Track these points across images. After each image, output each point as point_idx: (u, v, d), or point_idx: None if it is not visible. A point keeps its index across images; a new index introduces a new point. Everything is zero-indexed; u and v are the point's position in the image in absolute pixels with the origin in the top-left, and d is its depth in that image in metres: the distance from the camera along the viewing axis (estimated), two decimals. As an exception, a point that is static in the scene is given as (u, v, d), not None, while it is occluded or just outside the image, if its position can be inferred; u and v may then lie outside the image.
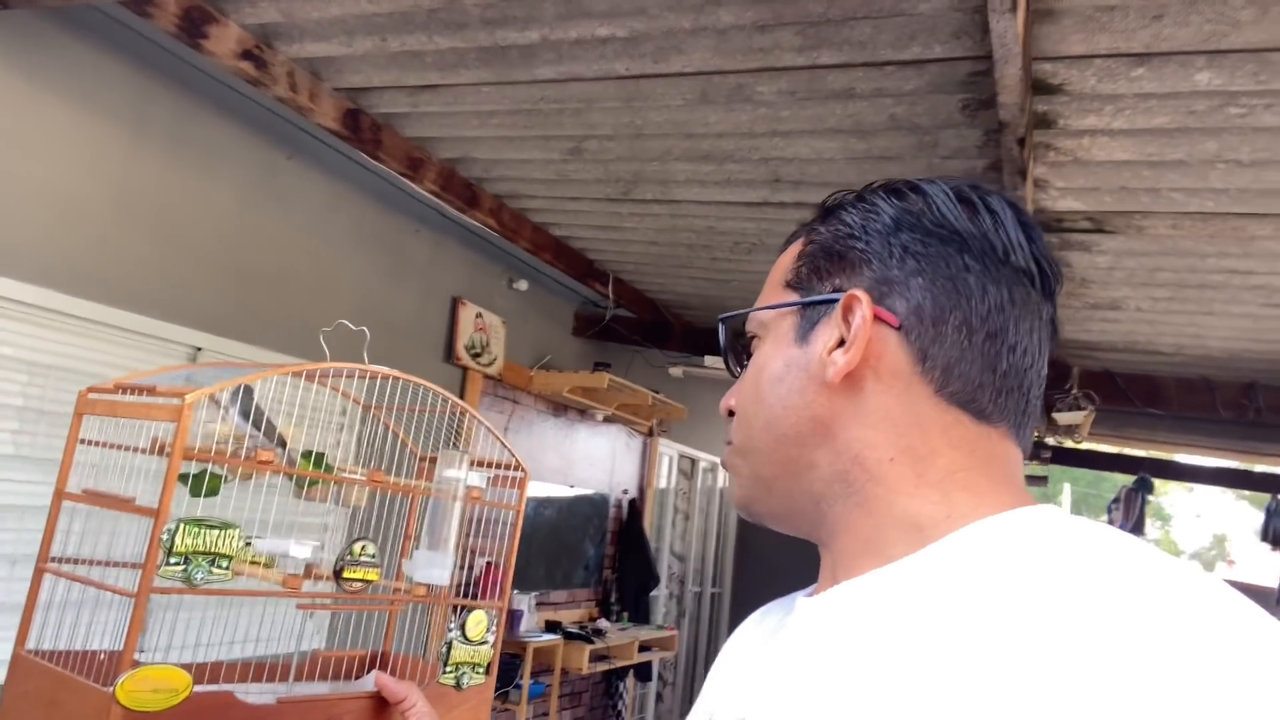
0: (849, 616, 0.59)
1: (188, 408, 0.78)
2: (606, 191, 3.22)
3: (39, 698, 0.80)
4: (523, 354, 4.47)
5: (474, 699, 0.97)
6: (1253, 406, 3.86)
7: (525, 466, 1.10)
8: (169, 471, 0.78)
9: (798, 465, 0.63)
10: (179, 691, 0.74)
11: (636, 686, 6.03)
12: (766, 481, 0.66)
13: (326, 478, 0.95)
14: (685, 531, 6.90)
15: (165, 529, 0.78)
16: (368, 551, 0.89)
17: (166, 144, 2.66)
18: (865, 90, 2.23)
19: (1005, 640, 0.49)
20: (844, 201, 0.68)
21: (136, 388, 0.86)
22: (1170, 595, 0.47)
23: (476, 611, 0.97)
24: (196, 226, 2.77)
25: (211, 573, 0.79)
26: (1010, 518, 0.57)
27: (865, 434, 0.61)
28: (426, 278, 3.80)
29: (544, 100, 2.56)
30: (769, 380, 0.65)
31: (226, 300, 2.88)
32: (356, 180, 3.37)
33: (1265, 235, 2.68)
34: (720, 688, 0.69)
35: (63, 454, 0.91)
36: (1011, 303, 0.61)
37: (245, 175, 2.92)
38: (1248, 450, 6.77)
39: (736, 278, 4.08)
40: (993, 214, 0.63)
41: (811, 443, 0.63)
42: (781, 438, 0.64)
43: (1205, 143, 2.24)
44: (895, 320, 0.61)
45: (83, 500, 0.89)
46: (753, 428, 0.66)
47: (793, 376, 0.64)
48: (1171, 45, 1.85)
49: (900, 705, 0.50)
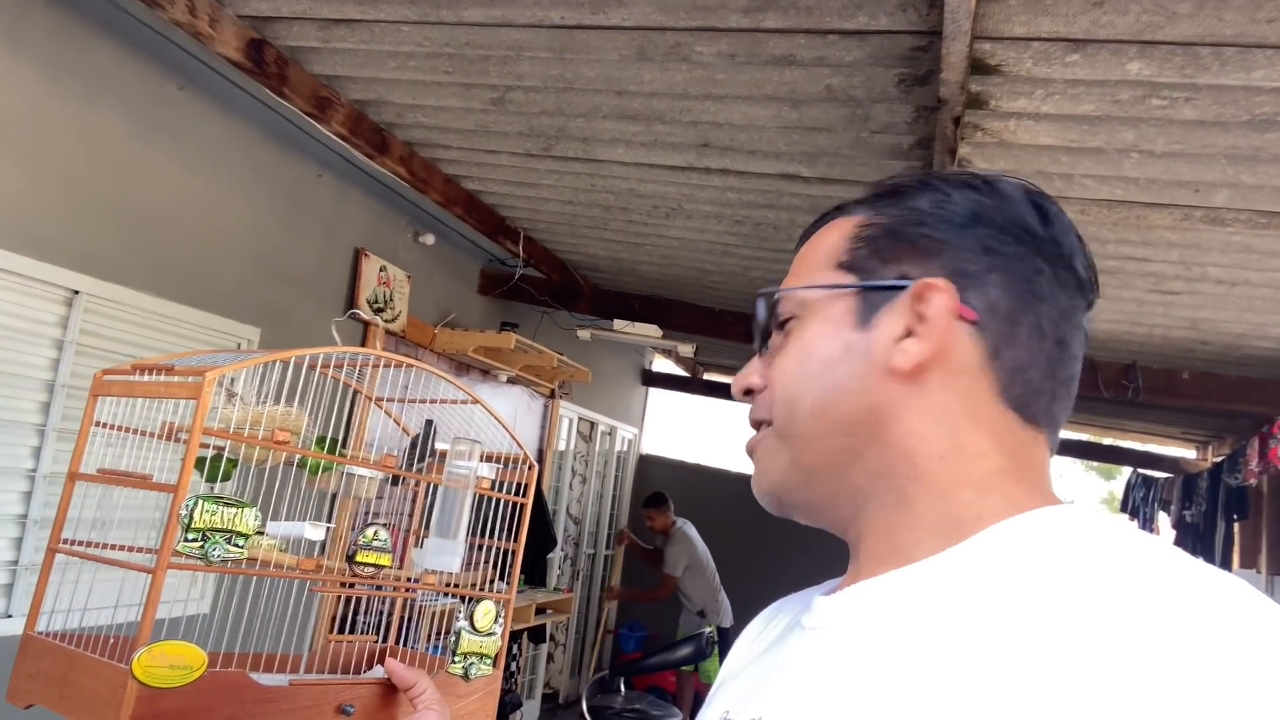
0: (868, 617, 0.57)
1: (208, 385, 0.73)
2: (527, 146, 3.11)
3: (50, 677, 0.77)
4: (427, 311, 4.32)
5: (481, 689, 0.93)
6: (1132, 386, 4.09)
7: (532, 459, 1.04)
8: (189, 447, 0.73)
9: (845, 455, 0.61)
10: (195, 669, 0.72)
11: (529, 648, 6.02)
12: (807, 470, 0.62)
13: (339, 460, 0.88)
14: (582, 495, 6.90)
15: (184, 505, 0.74)
16: (380, 537, 0.84)
17: (45, 66, 2.40)
18: (805, 58, 2.20)
19: (1024, 642, 0.48)
20: (907, 185, 0.65)
21: (154, 368, 0.79)
22: (1192, 598, 0.47)
23: (485, 602, 0.93)
24: (77, 158, 2.52)
25: (228, 550, 0.75)
26: (1035, 517, 0.56)
27: (920, 428, 0.59)
28: (328, 227, 3.60)
29: (469, 45, 2.42)
30: (821, 362, 0.62)
31: (109, 241, 2.64)
32: (256, 118, 3.14)
33: (1164, 225, 2.80)
34: (735, 687, 0.67)
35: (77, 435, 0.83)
36: (1073, 310, 0.62)
37: (133, 105, 2.67)
38: (1111, 425, 7.24)
39: (651, 242, 4.04)
40: (1058, 217, 0.62)
41: (862, 432, 0.60)
42: (833, 424, 0.60)
43: (1124, 132, 2.30)
44: (974, 314, 0.59)
45: (98, 480, 0.82)
46: (795, 412, 0.63)
47: (852, 361, 0.60)
48: (1109, 33, 1.88)
49: (915, 707, 0.49)
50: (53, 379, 2.49)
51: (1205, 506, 5.58)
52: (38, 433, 2.47)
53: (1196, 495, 5.80)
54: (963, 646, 0.50)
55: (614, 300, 4.92)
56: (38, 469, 2.47)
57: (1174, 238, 2.92)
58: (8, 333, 2.36)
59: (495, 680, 0.95)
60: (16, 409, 2.42)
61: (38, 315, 2.45)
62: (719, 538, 6.64)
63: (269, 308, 3.29)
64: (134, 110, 2.68)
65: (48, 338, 2.48)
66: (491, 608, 0.93)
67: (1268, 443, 4.51)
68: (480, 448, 0.94)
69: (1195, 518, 5.74)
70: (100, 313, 2.61)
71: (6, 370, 2.37)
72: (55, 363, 2.50)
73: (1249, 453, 4.82)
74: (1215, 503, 5.46)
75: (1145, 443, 7.39)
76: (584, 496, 6.92)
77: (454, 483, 0.91)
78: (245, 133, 3.13)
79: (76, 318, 2.53)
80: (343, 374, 0.98)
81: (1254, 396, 4.36)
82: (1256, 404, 4.38)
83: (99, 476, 0.83)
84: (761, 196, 3.22)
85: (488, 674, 0.94)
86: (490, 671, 0.95)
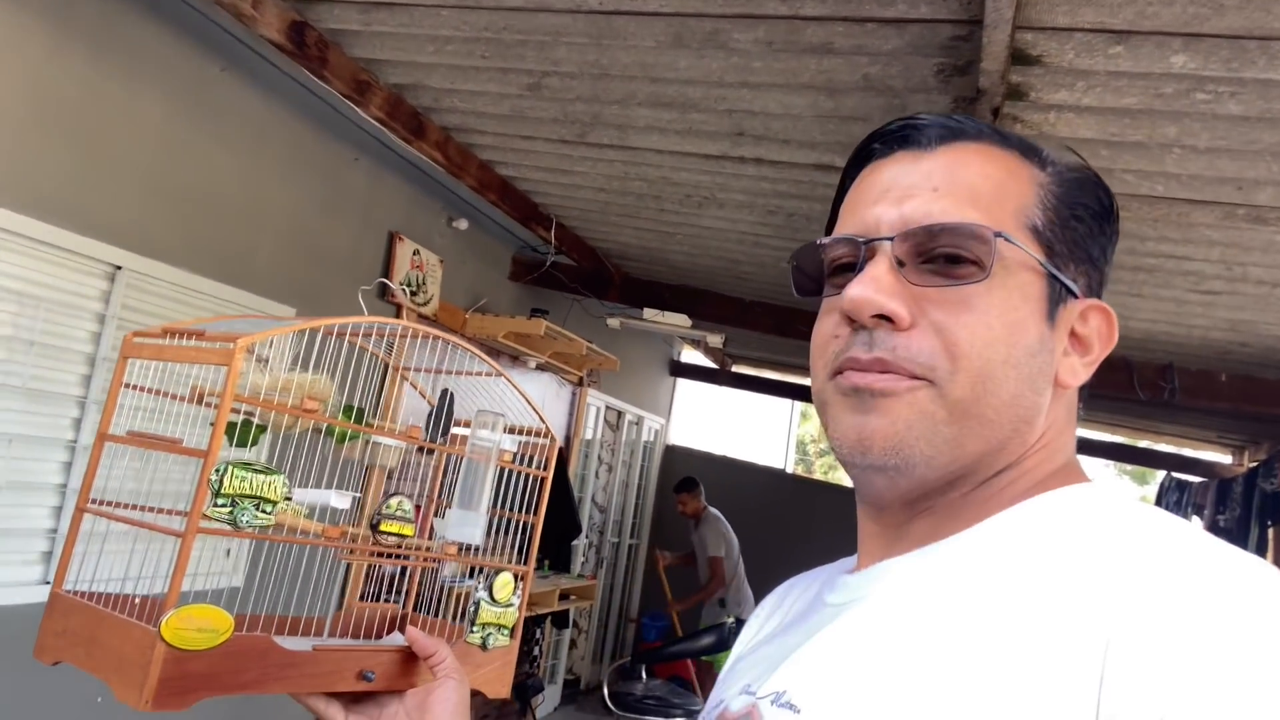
0: (898, 592, 0.57)
1: (239, 350, 0.74)
2: (561, 133, 3.12)
3: (78, 635, 0.78)
4: (458, 295, 4.35)
5: (498, 660, 0.95)
6: (1168, 387, 4.03)
7: (554, 434, 1.05)
8: (219, 414, 0.74)
9: (1001, 446, 0.57)
10: (221, 632, 0.73)
11: (552, 633, 6.06)
12: (964, 452, 0.56)
13: (364, 430, 0.89)
14: (608, 483, 6.92)
15: (214, 471, 0.74)
16: (404, 507, 0.85)
17: (91, 45, 2.45)
18: (844, 46, 2.19)
19: (1055, 615, 0.48)
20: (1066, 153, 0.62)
21: (185, 332, 0.81)
22: (1214, 575, 0.47)
23: (504, 574, 0.94)
24: (120, 136, 2.57)
25: (257, 516, 0.76)
26: (1063, 494, 0.57)
27: (1047, 436, 0.60)
28: (363, 210, 3.64)
29: (507, 30, 2.44)
30: (1027, 350, 0.56)
31: (150, 218, 2.69)
32: (295, 100, 3.18)
33: (1206, 223, 2.76)
34: (752, 662, 0.66)
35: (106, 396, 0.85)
36: None
37: (175, 85, 2.72)
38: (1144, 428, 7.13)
39: (683, 231, 4.04)
40: None
41: (1024, 430, 0.58)
42: (1016, 417, 0.57)
43: (1166, 127, 2.27)
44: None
45: (127, 442, 0.83)
46: (995, 393, 0.55)
47: (1042, 360, 0.57)
48: (1154, 25, 1.85)
49: (943, 684, 0.49)
50: (94, 352, 2.54)
51: (1239, 512, 5.49)
52: (79, 404, 2.53)
53: (1231, 500, 5.71)
54: (989, 621, 0.50)
55: (644, 289, 4.92)
56: (78, 440, 2.52)
57: (1215, 236, 2.87)
58: (52, 306, 2.42)
59: (512, 650, 0.96)
60: (58, 380, 2.48)
61: (81, 289, 2.50)
62: (743, 530, 6.64)
63: (304, 288, 3.33)
64: (177, 90, 2.72)
65: (90, 311, 2.53)
66: (510, 579, 0.94)
67: (1306, 448, 4.42)
68: (504, 420, 0.95)
69: (1229, 523, 5.65)
70: (141, 288, 2.66)
71: (50, 343, 2.43)
72: (97, 336, 2.55)
73: (1287, 458, 4.73)
74: (1250, 508, 5.38)
75: (1180, 446, 7.28)
76: (610, 485, 6.95)
77: (477, 455, 0.92)
78: (284, 115, 3.17)
79: (118, 292, 2.58)
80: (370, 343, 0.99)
81: (1293, 401, 4.27)
82: (1296, 408, 4.30)
83: (128, 439, 0.83)
84: (795, 187, 3.20)
85: (505, 645, 0.95)
86: (508, 643, 0.95)
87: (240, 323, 0.86)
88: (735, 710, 0.61)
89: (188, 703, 0.72)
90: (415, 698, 0.85)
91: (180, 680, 0.72)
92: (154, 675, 0.70)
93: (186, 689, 0.72)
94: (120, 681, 0.72)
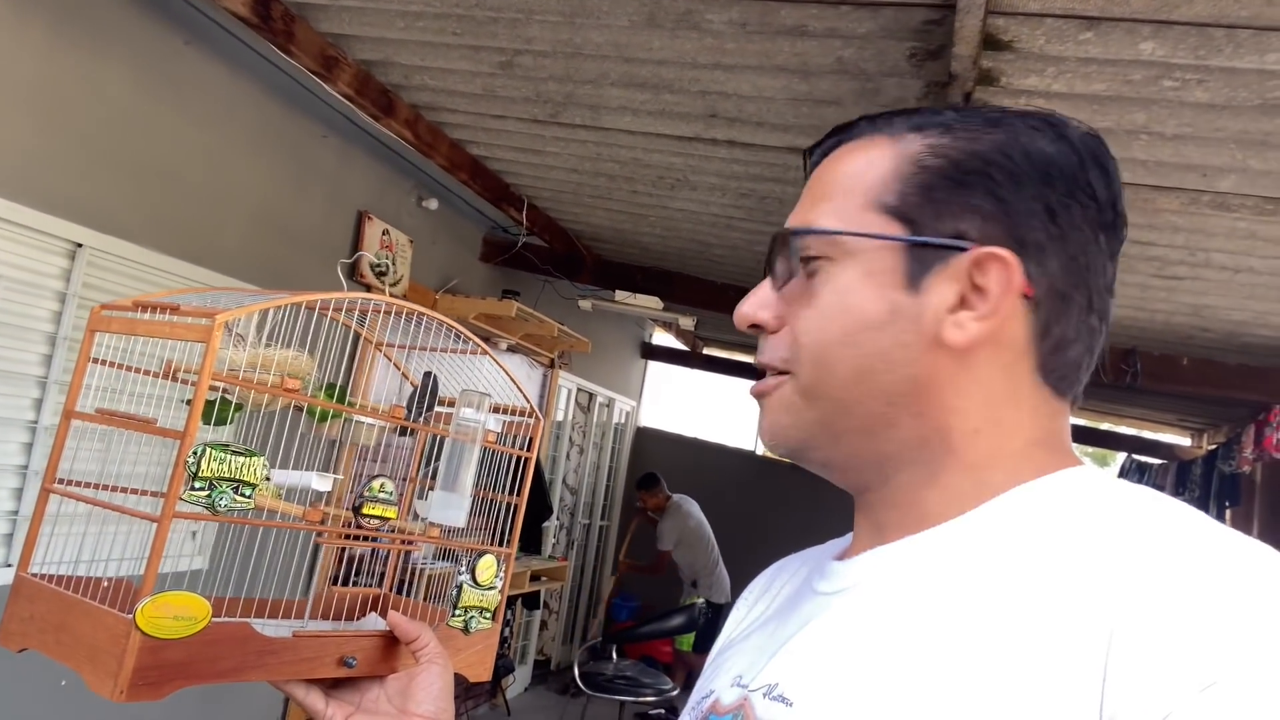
0: (889, 582, 0.56)
1: (218, 328, 0.70)
2: (534, 112, 3.09)
3: (46, 621, 0.74)
4: (428, 275, 4.31)
5: (480, 643, 0.94)
6: (1131, 371, 4.10)
7: (539, 413, 1.04)
8: (197, 394, 0.70)
9: (879, 423, 0.57)
10: (199, 620, 0.70)
11: (523, 614, 6.07)
12: (836, 433, 0.59)
13: (347, 411, 0.88)
14: (579, 465, 6.92)
15: (191, 453, 0.71)
16: (386, 489, 0.83)
17: (51, 16, 2.38)
18: (817, 29, 2.18)
19: (1052, 606, 0.48)
20: (968, 115, 0.58)
21: (157, 306, 0.77)
22: (1215, 561, 0.46)
23: (486, 556, 0.92)
24: (81, 111, 2.51)
25: (235, 500, 0.73)
26: (1060, 479, 0.56)
27: (960, 403, 0.56)
28: (331, 188, 3.59)
29: (478, 6, 2.40)
30: (866, 325, 0.57)
31: (113, 195, 2.63)
32: (261, 76, 3.12)
33: (1171, 209, 2.80)
34: (742, 650, 0.65)
35: (72, 373, 0.81)
36: (1114, 278, 0.58)
37: (139, 59, 2.65)
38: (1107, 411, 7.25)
39: (655, 213, 4.02)
40: (1118, 179, 0.58)
41: (901, 403, 0.57)
42: (873, 392, 0.57)
43: (1134, 113, 2.29)
44: (1031, 291, 0.55)
45: (96, 420, 0.79)
46: (834, 373, 0.58)
47: (899, 328, 0.56)
48: (1124, 12, 1.87)
49: (939, 676, 0.49)
50: (54, 331, 2.49)
51: (1198, 493, 5.61)
52: (39, 385, 2.48)
53: (1190, 482, 5.83)
54: (983, 614, 0.49)
55: (616, 271, 4.91)
56: (39, 420, 2.48)
57: (1180, 222, 2.91)
58: (11, 284, 2.36)
59: (494, 633, 0.95)
60: (18, 360, 2.42)
61: (41, 268, 2.44)
62: (714, 511, 6.68)
63: (271, 267, 3.28)
64: (140, 64, 2.66)
65: (50, 290, 2.48)
66: (493, 561, 0.93)
67: (1263, 430, 4.52)
68: (490, 400, 0.94)
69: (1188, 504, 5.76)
70: (103, 266, 2.61)
71: (9, 322, 2.37)
72: (57, 315, 2.50)
73: (1244, 440, 4.84)
74: (1209, 490, 5.49)
75: (1141, 429, 7.41)
76: (581, 467, 6.95)
77: (461, 435, 0.91)
78: (251, 90, 3.11)
79: (79, 271, 2.52)
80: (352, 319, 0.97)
81: (1252, 384, 4.37)
82: (1254, 392, 4.40)
83: (97, 417, 0.79)
84: (768, 169, 3.20)
85: (487, 628, 0.94)
86: (490, 625, 0.94)
87: (217, 296, 0.83)
88: (727, 703, 0.61)
89: (163, 693, 0.69)
90: (397, 683, 0.83)
91: (156, 670, 0.69)
92: (129, 665, 0.67)
93: (163, 679, 0.69)
94: (93, 671, 0.69)
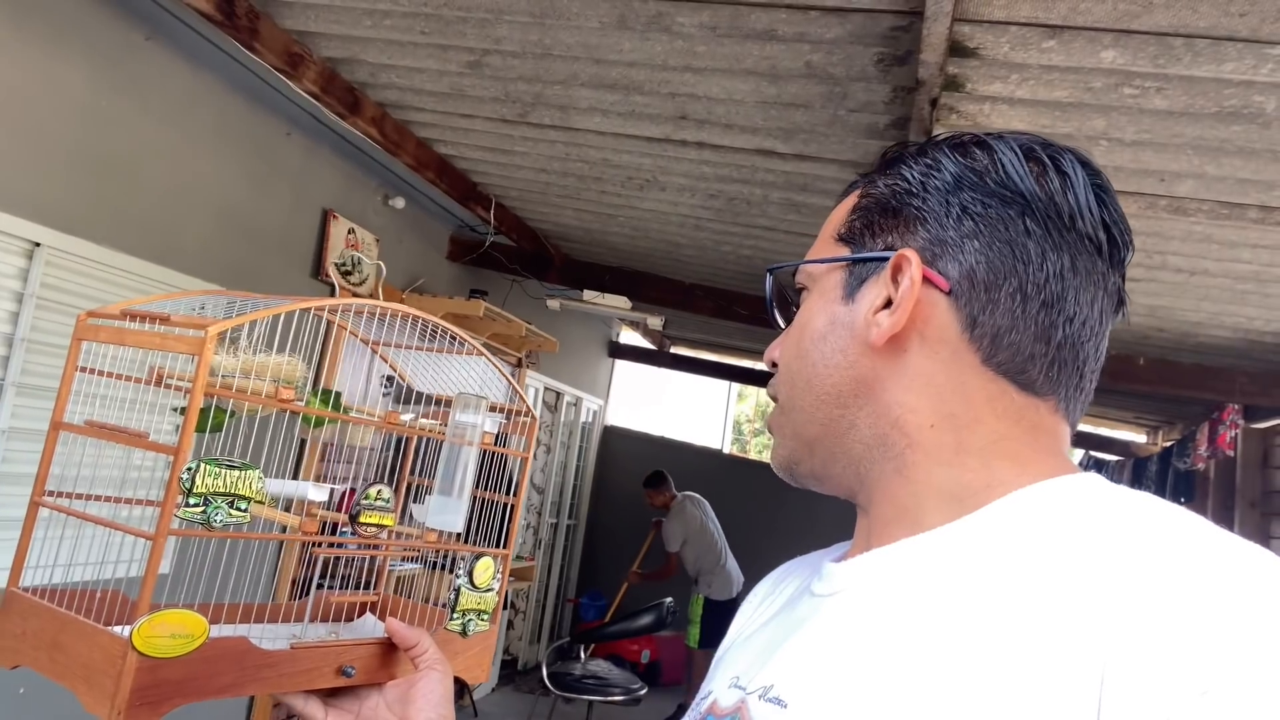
0: (881, 585, 0.57)
1: (210, 340, 0.69)
2: (502, 112, 3.08)
3: (39, 639, 0.72)
4: (395, 275, 4.28)
5: (478, 645, 0.93)
6: (1090, 371, 4.17)
7: (534, 412, 1.04)
8: (190, 408, 0.69)
9: (839, 426, 0.62)
10: (196, 637, 0.69)
11: (490, 615, 6.03)
12: (808, 442, 0.64)
13: (344, 419, 0.86)
14: (546, 464, 6.91)
15: (185, 469, 0.70)
16: (383, 496, 0.82)
17: (7, 9, 2.32)
18: (787, 34, 2.20)
19: (1042, 614, 0.48)
20: (905, 154, 0.65)
21: (146, 315, 0.75)
22: (1215, 566, 0.46)
23: (484, 558, 0.92)
24: (39, 107, 2.45)
25: (231, 514, 0.72)
26: (1051, 486, 0.56)
27: (907, 398, 0.59)
28: (296, 187, 3.54)
29: (447, 5, 2.39)
30: (812, 337, 0.63)
31: (72, 193, 2.58)
32: (225, 72, 3.07)
33: (1129, 213, 2.82)
34: (744, 651, 0.67)
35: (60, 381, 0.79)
36: (1073, 271, 0.58)
37: (98, 54, 2.60)
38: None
39: (624, 213, 4.03)
40: (1063, 175, 0.60)
41: (853, 404, 0.61)
42: (823, 397, 0.62)
43: (1094, 120, 2.34)
44: (945, 284, 0.59)
45: (85, 433, 0.77)
46: (794, 385, 0.65)
47: (836, 335, 0.62)
48: (1086, 20, 1.90)
49: (929, 678, 0.49)
50: (12, 332, 2.44)
51: (1154, 489, 5.73)
52: (-5, 387, 2.42)
53: (1146, 479, 5.96)
54: (977, 618, 0.50)
55: (584, 271, 4.91)
56: (-5, 424, 2.42)
57: (1138, 225, 2.97)
58: (-35, 284, 2.31)
59: (491, 635, 0.95)
60: (-27, 362, 2.37)
61: (-4, 267, 2.39)
62: (681, 510, 6.68)
63: (234, 266, 3.24)
64: (100, 59, 2.61)
65: (8, 290, 2.42)
66: (491, 564, 0.93)
67: (1217, 429, 4.64)
68: (487, 402, 0.93)
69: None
70: (62, 266, 2.56)
71: (-37, 322, 2.32)
72: (15, 316, 2.44)
73: (1199, 438, 4.96)
74: (1164, 486, 5.62)
75: (1098, 426, 7.56)
76: (548, 466, 6.93)
77: (458, 439, 0.90)
78: (213, 87, 3.06)
79: (37, 271, 2.47)
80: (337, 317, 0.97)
81: (1206, 384, 4.47)
82: (1208, 391, 4.50)
83: (87, 429, 0.76)
84: (736, 171, 3.22)
85: (485, 630, 0.94)
86: (487, 627, 0.94)
87: (204, 302, 0.81)
88: (725, 705, 0.62)
89: (161, 712, 0.68)
90: (397, 690, 0.83)
91: (154, 689, 0.68)
92: (126, 686, 0.66)
93: (160, 698, 0.68)
94: (88, 692, 0.68)
